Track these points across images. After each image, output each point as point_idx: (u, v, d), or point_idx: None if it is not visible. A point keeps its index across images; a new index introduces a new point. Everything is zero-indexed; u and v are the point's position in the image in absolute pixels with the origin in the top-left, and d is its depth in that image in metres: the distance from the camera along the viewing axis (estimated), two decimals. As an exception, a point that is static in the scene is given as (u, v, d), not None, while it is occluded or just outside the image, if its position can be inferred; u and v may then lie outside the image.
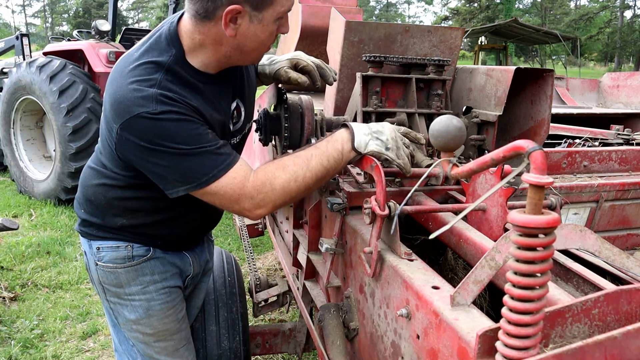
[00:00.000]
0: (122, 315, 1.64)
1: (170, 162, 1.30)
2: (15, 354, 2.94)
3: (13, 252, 4.36)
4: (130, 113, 1.28)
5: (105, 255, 1.57)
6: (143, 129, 1.28)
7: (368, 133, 1.38)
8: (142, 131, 1.29)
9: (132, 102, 1.28)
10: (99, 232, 1.59)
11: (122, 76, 1.35)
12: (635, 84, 3.60)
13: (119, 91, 1.32)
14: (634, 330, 0.73)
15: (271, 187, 1.34)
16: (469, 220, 1.39)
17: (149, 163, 1.33)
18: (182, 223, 1.63)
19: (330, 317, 1.50)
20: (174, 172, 1.32)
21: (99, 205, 1.56)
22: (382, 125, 1.41)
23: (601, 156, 1.94)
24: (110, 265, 1.57)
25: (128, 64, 1.37)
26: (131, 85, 1.31)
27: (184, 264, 1.70)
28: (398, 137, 1.40)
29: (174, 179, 1.33)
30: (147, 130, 1.28)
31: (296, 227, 2.08)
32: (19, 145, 6.21)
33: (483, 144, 1.74)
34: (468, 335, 0.87)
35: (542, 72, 1.71)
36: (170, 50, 1.38)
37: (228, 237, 5.02)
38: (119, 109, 1.31)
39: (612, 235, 1.94)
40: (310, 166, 1.36)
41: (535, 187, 0.71)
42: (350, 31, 1.76)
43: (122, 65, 1.39)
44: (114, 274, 1.58)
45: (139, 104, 1.28)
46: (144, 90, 1.30)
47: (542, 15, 41.70)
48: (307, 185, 1.37)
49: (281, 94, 1.69)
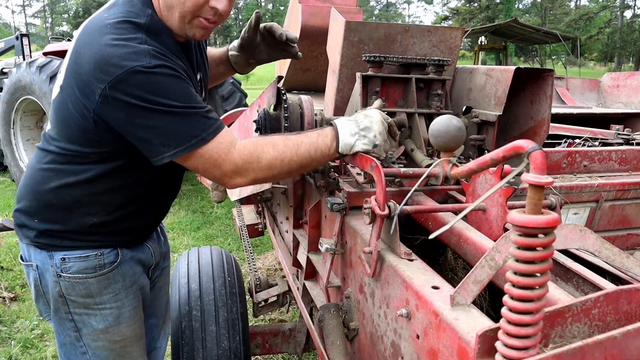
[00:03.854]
0: (89, 325, 1.54)
1: (160, 122, 1.26)
2: (15, 354, 2.94)
3: (13, 252, 4.36)
4: (122, 68, 1.21)
5: (73, 265, 1.47)
6: (136, 85, 1.22)
7: (355, 132, 1.37)
8: (135, 87, 1.22)
9: (123, 57, 1.22)
10: (63, 242, 1.47)
11: (99, 36, 1.27)
12: (635, 84, 3.60)
13: (103, 50, 1.23)
14: (634, 330, 0.73)
15: (257, 160, 1.33)
16: (469, 220, 1.39)
17: (136, 126, 1.27)
18: (152, 209, 1.60)
19: (330, 317, 1.50)
20: (162, 135, 1.27)
21: (64, 208, 1.44)
22: (370, 120, 1.37)
23: (601, 156, 1.94)
24: (79, 275, 1.48)
25: (100, 26, 1.30)
26: (115, 42, 1.24)
27: (147, 257, 1.67)
28: (385, 128, 1.39)
29: (160, 143, 1.28)
30: (141, 85, 1.23)
31: (296, 227, 2.08)
32: (19, 146, 6.22)
33: (483, 144, 1.74)
34: (468, 335, 0.87)
35: (542, 72, 1.71)
36: (146, 10, 1.35)
37: (228, 237, 5.02)
38: (107, 67, 1.22)
39: (612, 235, 1.94)
40: (299, 152, 1.35)
41: (535, 187, 0.71)
42: (350, 31, 1.76)
43: (93, 28, 1.31)
44: (83, 285, 1.49)
45: (132, 59, 1.22)
46: (134, 46, 1.25)
47: (542, 15, 41.69)
48: (291, 169, 1.37)
49: (281, 94, 1.69)
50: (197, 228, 5.30)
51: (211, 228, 5.33)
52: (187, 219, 5.57)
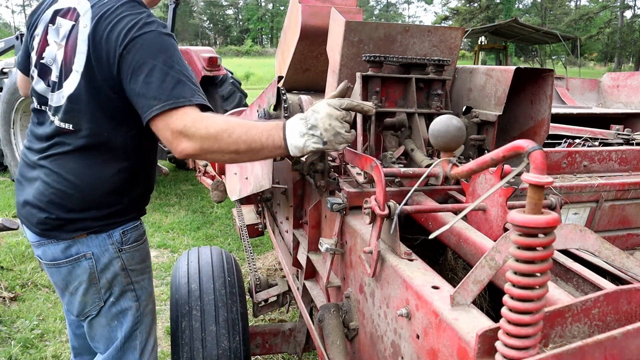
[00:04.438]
0: (145, 289, 1.74)
1: (161, 78, 1.38)
2: (15, 354, 2.94)
3: (13, 252, 4.36)
4: (140, 30, 1.41)
5: (131, 236, 1.65)
6: (151, 42, 1.41)
7: (304, 133, 1.36)
8: (150, 43, 1.41)
9: (140, 24, 1.42)
10: (121, 217, 1.64)
11: (111, 14, 1.45)
12: (635, 84, 3.60)
13: (121, 22, 1.43)
14: (634, 330, 0.73)
15: (206, 126, 1.37)
16: (469, 220, 1.39)
17: (139, 80, 1.39)
18: (151, 177, 1.79)
19: (330, 317, 1.50)
20: (158, 89, 1.38)
21: (120, 188, 1.60)
22: (315, 117, 1.36)
23: (601, 156, 1.94)
24: (136, 244, 1.67)
25: (108, 5, 1.48)
26: (130, 15, 1.44)
27: None
28: (334, 120, 1.35)
29: (153, 96, 1.38)
30: (155, 42, 1.41)
31: (296, 227, 2.08)
32: (19, 146, 6.22)
33: (483, 144, 1.74)
34: (468, 335, 0.87)
35: (542, 72, 1.71)
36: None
37: (228, 237, 5.02)
38: (125, 32, 1.41)
39: (612, 235, 1.94)
40: (249, 134, 1.38)
41: (535, 187, 0.71)
42: (350, 31, 1.76)
43: (101, 8, 1.48)
44: (139, 251, 1.69)
45: (148, 24, 1.43)
46: (147, 17, 1.45)
47: (542, 15, 41.69)
48: (237, 147, 1.38)
49: (281, 94, 1.69)
50: (197, 228, 5.30)
51: (211, 228, 5.33)
52: (187, 219, 5.57)
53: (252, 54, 46.52)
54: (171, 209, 5.92)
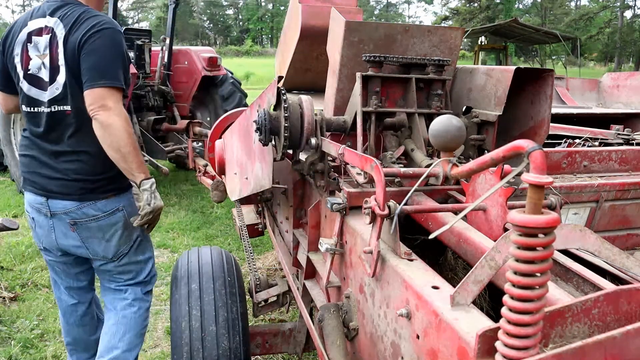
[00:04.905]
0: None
1: (110, 61, 1.97)
2: (15, 354, 2.94)
3: (13, 252, 4.36)
4: (110, 24, 2.03)
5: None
6: (112, 34, 2.00)
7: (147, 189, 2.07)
8: (109, 36, 1.99)
9: (108, 22, 2.04)
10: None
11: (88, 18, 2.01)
12: (635, 84, 3.60)
13: (94, 20, 2.00)
14: (634, 330, 0.73)
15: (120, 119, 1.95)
16: (469, 220, 1.39)
17: (94, 56, 1.95)
18: None
19: (330, 317, 1.50)
20: (104, 68, 1.95)
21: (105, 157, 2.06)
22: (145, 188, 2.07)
23: (601, 156, 1.94)
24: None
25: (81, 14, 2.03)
26: (97, 17, 2.02)
27: None
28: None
29: (99, 74, 1.94)
30: (114, 36, 2.00)
31: (296, 227, 2.08)
32: (19, 145, 6.22)
33: (483, 144, 1.74)
34: (468, 335, 0.87)
35: (542, 72, 1.71)
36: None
37: (228, 237, 5.02)
38: (98, 25, 1.98)
39: (612, 235, 1.93)
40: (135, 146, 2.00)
41: (535, 187, 0.71)
42: (350, 31, 1.76)
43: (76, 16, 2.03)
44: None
45: (113, 24, 2.05)
46: (111, 20, 2.11)
47: (542, 15, 41.70)
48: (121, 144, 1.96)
49: (281, 94, 1.69)
50: (197, 228, 5.30)
51: (211, 228, 5.33)
52: (187, 219, 5.57)
53: (252, 54, 46.52)
54: (171, 209, 5.91)
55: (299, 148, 1.68)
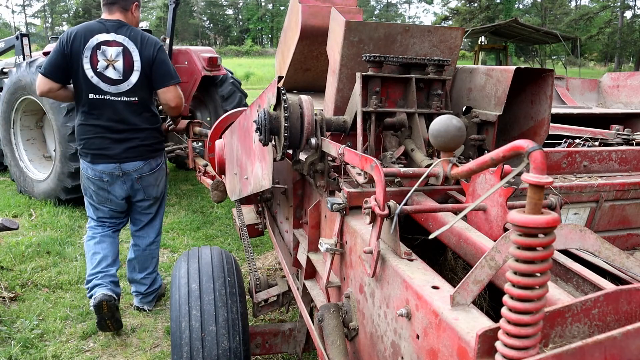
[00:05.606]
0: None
1: (171, 67, 3.26)
2: (15, 354, 2.94)
3: (13, 252, 4.36)
4: (159, 42, 3.20)
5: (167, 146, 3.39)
6: (164, 49, 3.23)
7: None
8: (164, 51, 3.21)
9: (158, 40, 3.21)
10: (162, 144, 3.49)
11: (148, 38, 3.15)
12: (635, 84, 3.60)
13: (153, 39, 3.17)
14: (634, 330, 0.73)
15: None
16: (469, 220, 1.39)
17: (164, 65, 3.16)
18: None
19: (330, 317, 1.50)
20: (172, 72, 3.23)
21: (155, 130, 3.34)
22: None
23: (601, 156, 1.94)
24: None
25: (142, 35, 3.16)
26: (152, 37, 3.20)
27: None
28: None
29: (170, 76, 3.22)
30: (164, 49, 3.23)
31: (296, 227, 2.08)
32: (19, 145, 6.21)
33: (483, 144, 1.74)
34: (468, 335, 0.87)
35: (542, 72, 1.71)
36: None
37: (228, 237, 5.02)
38: (157, 44, 3.16)
39: (612, 235, 1.93)
40: None
41: (535, 187, 0.71)
42: (350, 31, 1.76)
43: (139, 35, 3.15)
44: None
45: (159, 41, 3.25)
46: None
47: (542, 15, 41.70)
48: None
49: (281, 94, 1.69)
50: (197, 228, 5.30)
51: (211, 228, 5.33)
52: (187, 219, 5.57)
53: (252, 54, 46.53)
54: (171, 209, 5.91)
55: (299, 148, 1.68)
